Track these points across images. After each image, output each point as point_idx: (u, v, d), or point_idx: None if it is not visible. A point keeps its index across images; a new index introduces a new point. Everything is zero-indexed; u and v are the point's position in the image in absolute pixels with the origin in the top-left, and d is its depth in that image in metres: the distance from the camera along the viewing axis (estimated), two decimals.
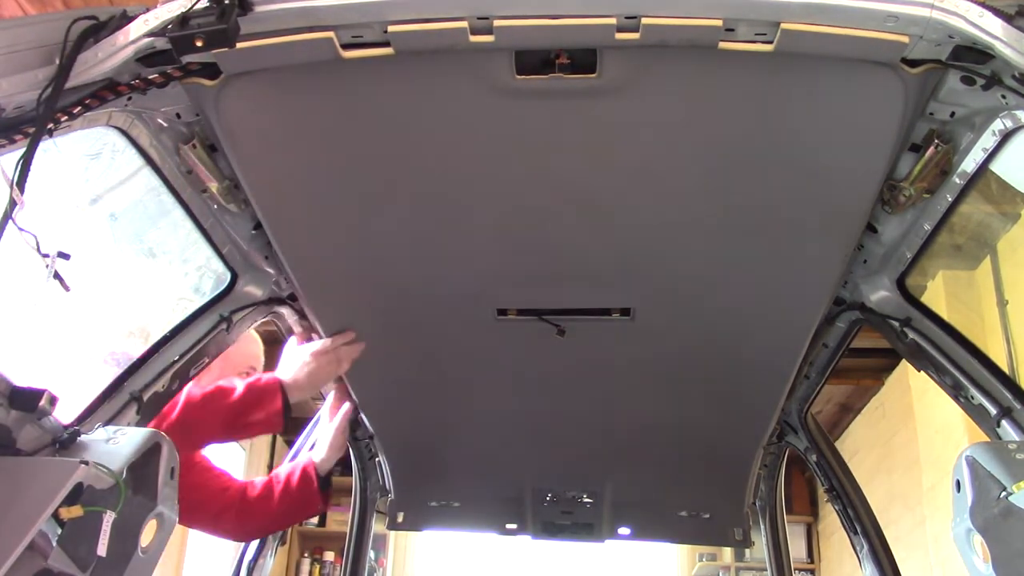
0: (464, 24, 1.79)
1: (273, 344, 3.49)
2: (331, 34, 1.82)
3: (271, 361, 3.29)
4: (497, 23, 1.79)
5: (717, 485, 3.80)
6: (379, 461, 3.86)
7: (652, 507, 3.93)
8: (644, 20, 1.76)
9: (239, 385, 2.85)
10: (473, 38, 1.80)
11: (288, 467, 3.31)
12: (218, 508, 3.20)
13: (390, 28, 1.81)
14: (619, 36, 1.78)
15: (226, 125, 2.10)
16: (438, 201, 2.35)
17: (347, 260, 2.60)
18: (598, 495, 3.85)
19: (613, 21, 1.77)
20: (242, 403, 2.81)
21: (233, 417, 2.80)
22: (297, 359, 2.92)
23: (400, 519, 3.97)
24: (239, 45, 1.79)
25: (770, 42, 1.78)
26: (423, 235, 2.47)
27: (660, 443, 3.49)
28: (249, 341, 3.26)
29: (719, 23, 1.76)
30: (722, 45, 1.80)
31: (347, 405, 3.29)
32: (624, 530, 3.96)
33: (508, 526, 3.98)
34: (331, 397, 3.35)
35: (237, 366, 3.22)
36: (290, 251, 2.55)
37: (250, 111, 2.07)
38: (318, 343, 2.91)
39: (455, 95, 2.02)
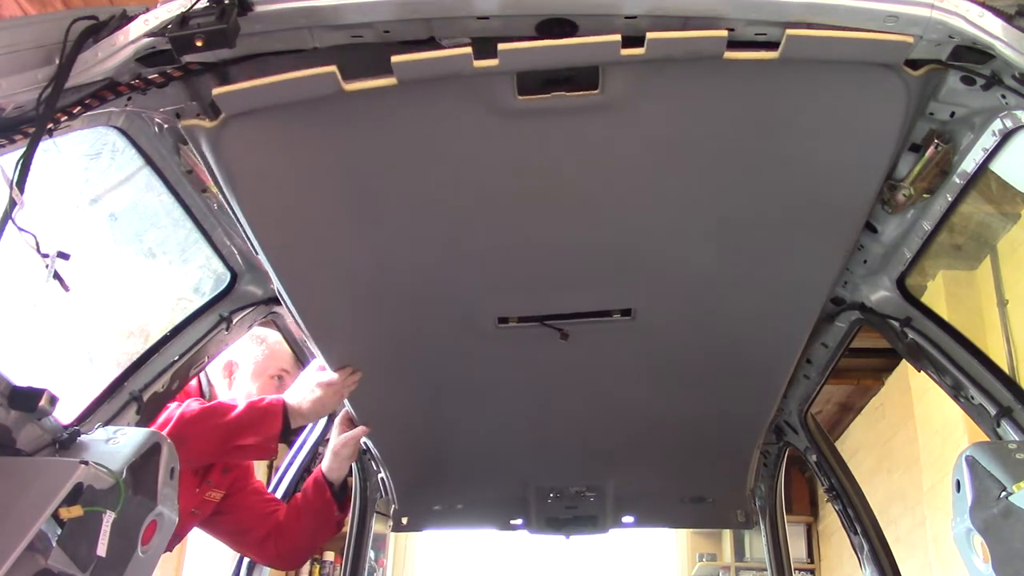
0: (468, 49, 1.77)
1: None
2: (333, 69, 1.80)
3: None
4: (501, 46, 1.77)
5: (718, 472, 3.81)
6: (380, 475, 3.86)
7: (655, 496, 3.95)
8: (649, 35, 1.74)
9: (240, 403, 2.82)
10: (477, 63, 1.78)
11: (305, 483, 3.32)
12: (263, 533, 3.21)
13: (393, 58, 1.78)
14: (624, 52, 1.77)
15: (225, 165, 2.06)
16: (439, 221, 2.33)
17: (348, 283, 2.57)
18: (601, 489, 3.85)
19: (618, 37, 1.75)
20: (239, 423, 2.77)
21: (227, 437, 2.76)
22: (306, 386, 2.89)
23: (404, 522, 3.98)
24: (239, 86, 1.78)
25: (775, 48, 1.78)
26: (424, 254, 2.45)
27: (661, 438, 3.49)
28: (281, 344, 3.22)
29: (724, 34, 1.75)
30: (727, 55, 1.79)
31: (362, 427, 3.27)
32: (628, 519, 3.97)
33: (512, 522, 3.99)
34: (342, 414, 3.32)
35: (267, 369, 3.19)
36: (289, 279, 2.49)
37: (250, 149, 2.03)
38: (328, 374, 2.89)
39: (456, 119, 2.00)
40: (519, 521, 3.97)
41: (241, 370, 3.19)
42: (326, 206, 2.26)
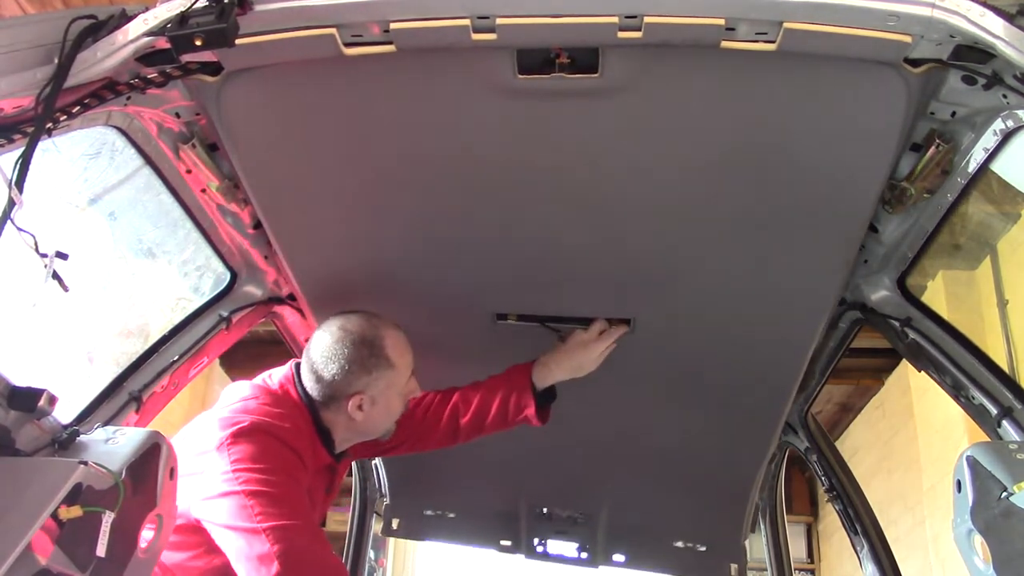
0: (466, 22, 1.78)
1: (273, 344, 3.47)
2: (333, 30, 1.82)
3: (260, 363, 3.24)
4: (499, 21, 1.78)
5: (715, 512, 3.74)
6: (375, 464, 3.85)
7: (647, 533, 3.86)
8: (646, 19, 1.75)
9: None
10: (475, 36, 1.80)
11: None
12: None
13: (392, 25, 1.80)
14: (621, 35, 1.78)
15: (227, 121, 2.10)
16: (437, 201, 2.34)
17: (345, 259, 2.60)
18: (594, 516, 3.80)
19: (615, 20, 1.76)
20: None
21: None
22: None
23: (395, 525, 3.95)
24: (241, 41, 1.79)
25: (772, 41, 1.78)
26: (422, 235, 2.46)
27: (659, 460, 3.44)
28: (388, 339, 2.52)
29: (721, 22, 1.76)
30: (724, 44, 1.79)
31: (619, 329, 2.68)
32: (619, 556, 3.90)
33: (503, 543, 3.95)
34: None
35: (403, 380, 2.56)
36: (288, 249, 2.55)
37: (251, 107, 2.07)
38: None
39: (456, 94, 2.02)
40: (509, 543, 3.93)
41: (375, 399, 2.50)
42: (325, 175, 2.29)
